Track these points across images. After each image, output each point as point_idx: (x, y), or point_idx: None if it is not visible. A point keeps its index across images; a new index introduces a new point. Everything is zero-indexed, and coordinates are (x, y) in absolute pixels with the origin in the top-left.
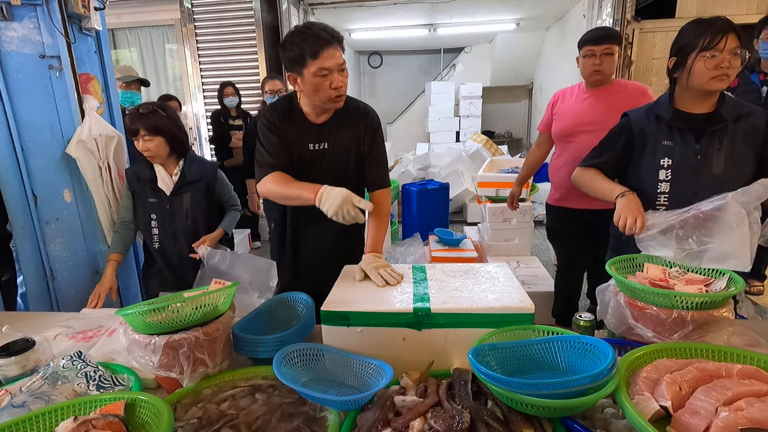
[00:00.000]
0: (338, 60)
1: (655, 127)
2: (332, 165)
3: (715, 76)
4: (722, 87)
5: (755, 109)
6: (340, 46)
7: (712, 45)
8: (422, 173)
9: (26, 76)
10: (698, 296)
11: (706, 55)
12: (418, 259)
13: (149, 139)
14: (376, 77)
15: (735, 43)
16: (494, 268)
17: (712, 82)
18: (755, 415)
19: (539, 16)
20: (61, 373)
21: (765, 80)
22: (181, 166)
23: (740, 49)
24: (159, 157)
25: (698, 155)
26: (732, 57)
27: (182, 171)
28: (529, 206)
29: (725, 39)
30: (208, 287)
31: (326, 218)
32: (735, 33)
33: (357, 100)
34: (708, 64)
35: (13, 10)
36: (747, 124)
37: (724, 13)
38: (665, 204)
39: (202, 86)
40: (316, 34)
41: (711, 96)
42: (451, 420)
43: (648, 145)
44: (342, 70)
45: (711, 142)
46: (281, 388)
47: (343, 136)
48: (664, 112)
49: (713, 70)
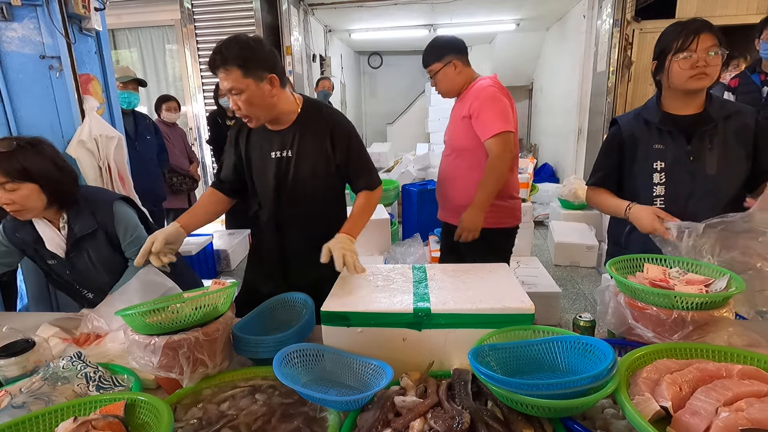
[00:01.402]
0: (228, 84)
1: (645, 132)
2: (299, 172)
3: (692, 75)
4: (702, 85)
5: (743, 107)
6: (228, 68)
7: (685, 46)
8: (422, 173)
9: (26, 77)
10: (698, 296)
11: (681, 56)
12: (418, 259)
13: (12, 188)
14: (376, 77)
15: (710, 42)
16: (494, 268)
17: (691, 82)
18: (755, 416)
19: (539, 17)
20: (61, 374)
21: (766, 80)
22: (66, 219)
23: (718, 47)
24: (30, 211)
25: (691, 156)
26: (708, 56)
27: (68, 226)
28: (529, 206)
29: (698, 39)
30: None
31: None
32: (711, 32)
33: (321, 105)
34: (683, 65)
35: (14, 10)
36: (737, 123)
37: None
38: (661, 207)
39: (202, 87)
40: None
41: (695, 96)
42: (451, 420)
43: (639, 150)
44: (237, 94)
45: (702, 142)
46: (281, 389)
47: (306, 142)
48: (653, 116)
49: (689, 69)
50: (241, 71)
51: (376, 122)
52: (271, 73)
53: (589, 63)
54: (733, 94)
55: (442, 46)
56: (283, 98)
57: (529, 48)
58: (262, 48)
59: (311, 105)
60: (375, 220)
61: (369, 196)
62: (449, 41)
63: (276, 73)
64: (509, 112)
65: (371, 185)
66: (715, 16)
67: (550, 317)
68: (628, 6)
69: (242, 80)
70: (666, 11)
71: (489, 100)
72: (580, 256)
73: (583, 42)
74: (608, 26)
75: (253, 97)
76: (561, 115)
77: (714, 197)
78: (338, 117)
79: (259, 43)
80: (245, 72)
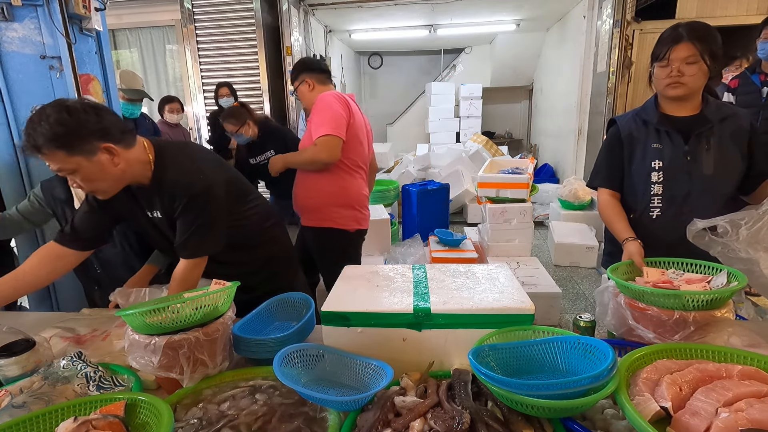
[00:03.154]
0: (54, 167)
1: (643, 132)
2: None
3: (668, 84)
4: (677, 94)
5: (739, 110)
6: (46, 152)
7: (660, 56)
8: (422, 174)
9: (27, 77)
10: (708, 293)
11: (658, 65)
12: (419, 260)
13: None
14: (377, 78)
15: (687, 52)
16: (494, 268)
17: (667, 89)
18: (755, 416)
19: (539, 17)
20: (61, 374)
21: (766, 81)
22: None
23: (699, 56)
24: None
25: (688, 156)
26: (684, 65)
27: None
28: (529, 207)
29: (672, 50)
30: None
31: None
32: (692, 41)
33: (167, 157)
34: (660, 74)
35: (14, 10)
36: (733, 125)
37: (724, 14)
38: (659, 206)
39: (203, 87)
40: (23, 140)
41: (686, 100)
42: (451, 421)
43: (638, 149)
44: (71, 174)
45: (699, 143)
46: (281, 389)
47: (165, 203)
48: (651, 117)
49: (665, 78)
50: (64, 151)
51: (377, 123)
52: (104, 141)
53: (589, 63)
54: (733, 95)
55: (297, 66)
56: (132, 159)
57: (530, 48)
58: (81, 116)
59: (162, 156)
60: (375, 220)
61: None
62: (302, 62)
63: (111, 140)
64: (343, 120)
65: (189, 254)
66: (715, 16)
67: (550, 317)
68: (628, 6)
69: (69, 160)
70: (666, 12)
71: (322, 106)
72: (580, 256)
73: (583, 42)
74: (608, 27)
75: (90, 175)
76: (561, 115)
77: (710, 197)
78: (181, 178)
79: (78, 111)
80: (69, 151)
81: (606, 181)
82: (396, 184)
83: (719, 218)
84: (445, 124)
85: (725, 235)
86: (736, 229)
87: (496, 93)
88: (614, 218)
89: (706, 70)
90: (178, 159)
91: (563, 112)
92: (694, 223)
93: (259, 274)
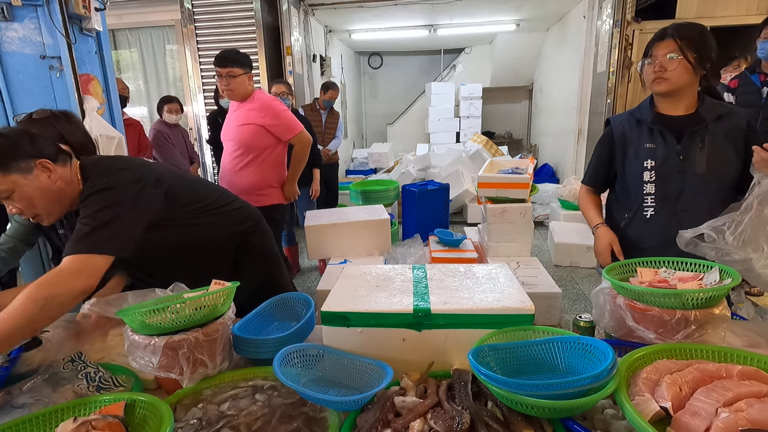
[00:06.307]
0: None
1: (636, 131)
2: None
3: (653, 79)
4: (661, 89)
5: (736, 109)
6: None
7: (647, 53)
8: (422, 174)
9: (27, 77)
10: (706, 291)
11: (645, 62)
12: (419, 260)
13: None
14: (377, 78)
15: (668, 48)
16: (494, 268)
17: (653, 85)
18: (755, 416)
19: (539, 17)
20: (61, 374)
21: (765, 81)
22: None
23: (679, 51)
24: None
25: (681, 155)
26: (666, 60)
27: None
28: (529, 206)
29: (655, 46)
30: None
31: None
32: (675, 38)
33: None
34: (647, 71)
35: (14, 10)
36: (728, 124)
37: (725, 14)
38: (652, 205)
39: (203, 87)
40: None
41: (679, 98)
42: (451, 421)
43: (630, 149)
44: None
45: (692, 142)
46: (281, 389)
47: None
48: (645, 116)
49: (651, 74)
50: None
51: (377, 122)
52: (39, 158)
53: (589, 63)
54: (733, 95)
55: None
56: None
57: (530, 48)
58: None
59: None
60: (375, 220)
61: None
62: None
63: (46, 156)
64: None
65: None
66: (715, 16)
67: (550, 318)
68: (628, 6)
69: (5, 180)
70: (666, 12)
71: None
72: (580, 256)
73: (583, 42)
74: (608, 27)
75: (28, 196)
76: (561, 115)
77: (704, 196)
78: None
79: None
80: (4, 170)
81: (590, 179)
82: (396, 184)
83: (703, 226)
84: (445, 124)
85: (713, 242)
86: (722, 235)
87: (496, 93)
88: (587, 206)
89: (689, 67)
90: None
91: (563, 112)
92: (680, 236)
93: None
